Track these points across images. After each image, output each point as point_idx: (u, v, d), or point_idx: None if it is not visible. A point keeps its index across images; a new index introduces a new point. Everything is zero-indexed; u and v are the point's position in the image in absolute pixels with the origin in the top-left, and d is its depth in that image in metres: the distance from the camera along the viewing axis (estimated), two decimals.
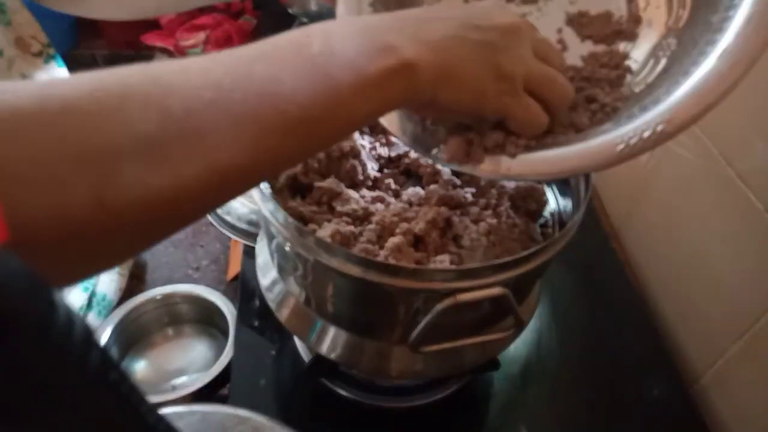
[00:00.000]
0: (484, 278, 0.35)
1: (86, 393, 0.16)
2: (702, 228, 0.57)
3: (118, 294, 0.86)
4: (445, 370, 0.44)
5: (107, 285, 0.85)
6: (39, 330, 0.14)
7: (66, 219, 0.21)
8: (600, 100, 0.37)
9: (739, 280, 0.51)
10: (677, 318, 0.61)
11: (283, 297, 0.46)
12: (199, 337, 0.68)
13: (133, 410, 0.18)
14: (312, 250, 0.36)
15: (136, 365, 0.66)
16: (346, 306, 0.42)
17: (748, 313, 0.49)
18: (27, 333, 0.14)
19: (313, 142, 0.28)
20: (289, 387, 0.54)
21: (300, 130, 0.26)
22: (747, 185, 0.49)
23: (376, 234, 0.40)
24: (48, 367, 0.15)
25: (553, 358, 0.58)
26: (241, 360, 0.55)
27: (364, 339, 0.43)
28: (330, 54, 0.27)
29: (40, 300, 0.14)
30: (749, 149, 0.50)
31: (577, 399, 0.55)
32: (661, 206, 0.64)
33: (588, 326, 0.61)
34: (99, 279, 0.84)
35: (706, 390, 0.56)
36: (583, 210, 0.39)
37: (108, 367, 0.17)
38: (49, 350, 0.14)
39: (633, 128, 0.33)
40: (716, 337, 0.54)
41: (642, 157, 0.56)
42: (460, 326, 0.40)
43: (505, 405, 0.54)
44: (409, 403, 0.52)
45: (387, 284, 0.35)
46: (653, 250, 0.66)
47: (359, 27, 0.29)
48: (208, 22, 1.05)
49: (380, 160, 0.49)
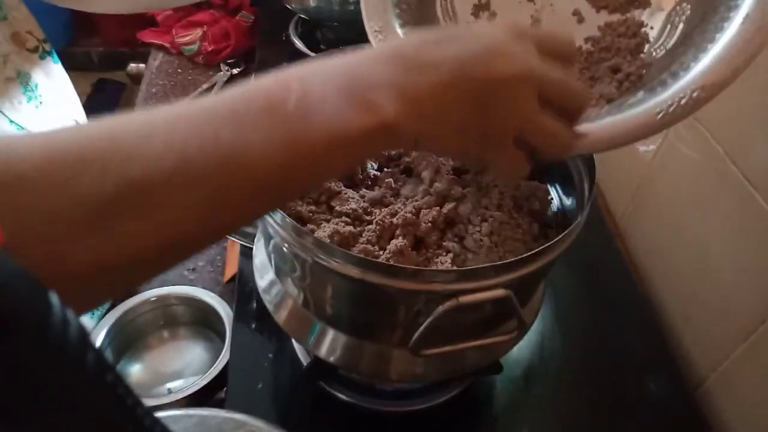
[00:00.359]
0: (486, 280, 0.34)
1: (83, 394, 0.16)
2: (707, 228, 0.56)
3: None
4: (446, 373, 0.44)
5: None
6: (36, 330, 0.14)
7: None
8: (624, 70, 0.37)
9: (744, 280, 0.51)
10: (681, 319, 0.60)
11: (281, 299, 0.45)
12: (196, 340, 0.67)
13: (130, 413, 0.18)
14: (310, 251, 0.35)
15: (131, 368, 0.65)
16: (345, 308, 0.41)
17: (754, 315, 0.49)
18: (25, 333, 0.14)
19: (280, 201, 0.28)
20: (287, 390, 0.53)
21: (266, 192, 0.26)
22: (752, 185, 0.49)
23: (376, 235, 0.40)
24: (45, 367, 0.15)
25: (556, 359, 0.57)
26: (238, 363, 0.55)
27: (363, 341, 0.42)
28: (305, 113, 0.26)
29: (36, 300, 0.15)
30: (754, 148, 0.49)
31: (580, 401, 0.55)
32: (665, 206, 0.64)
33: (591, 327, 0.61)
34: None
35: (711, 392, 0.55)
36: (587, 210, 0.39)
37: (104, 368, 0.17)
38: (47, 351, 0.15)
39: (670, 95, 0.33)
40: (721, 338, 0.53)
41: (646, 156, 0.55)
42: (462, 328, 0.39)
43: (508, 408, 0.54)
44: (409, 407, 0.51)
45: (387, 286, 0.34)
46: (657, 250, 0.65)
47: (342, 79, 0.27)
48: (205, 19, 1.04)
49: (380, 158, 0.48)
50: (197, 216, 0.24)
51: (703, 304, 0.57)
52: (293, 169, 0.26)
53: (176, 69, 1.05)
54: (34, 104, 0.61)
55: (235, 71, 1.02)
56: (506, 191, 0.45)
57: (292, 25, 0.95)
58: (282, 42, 0.94)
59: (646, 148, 0.65)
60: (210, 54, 1.03)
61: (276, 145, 0.25)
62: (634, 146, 0.68)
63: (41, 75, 0.63)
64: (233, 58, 1.04)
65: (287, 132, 0.25)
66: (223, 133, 0.24)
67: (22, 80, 0.60)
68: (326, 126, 0.26)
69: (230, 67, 1.03)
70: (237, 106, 0.25)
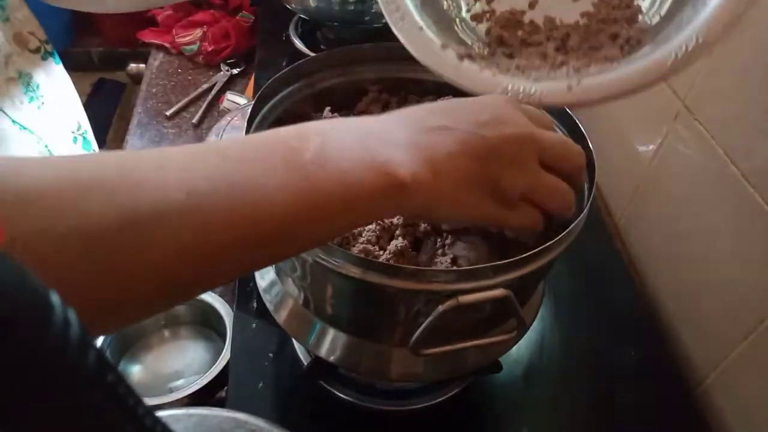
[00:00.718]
0: (486, 279, 0.34)
1: (84, 394, 0.16)
2: (706, 228, 0.56)
3: None
4: (446, 372, 0.44)
5: None
6: (37, 330, 0.14)
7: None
8: (623, 35, 0.38)
9: (743, 280, 0.51)
10: (681, 319, 0.60)
11: (282, 298, 0.45)
12: (196, 339, 0.67)
13: (131, 412, 0.18)
14: (310, 251, 0.35)
15: (132, 368, 0.65)
16: (345, 308, 0.41)
17: (753, 315, 0.49)
18: (26, 333, 0.14)
19: (283, 256, 0.27)
20: (287, 390, 0.53)
21: (274, 241, 0.25)
22: (752, 185, 0.49)
23: (376, 235, 0.40)
24: (46, 367, 0.15)
25: (556, 359, 0.57)
26: (238, 362, 0.55)
27: (363, 341, 0.42)
28: (322, 165, 0.25)
29: (37, 300, 0.15)
30: (754, 149, 0.49)
31: (579, 400, 0.55)
32: (665, 206, 0.64)
33: (591, 326, 0.61)
34: None
35: (710, 391, 0.55)
36: (587, 210, 0.39)
37: (105, 368, 0.17)
38: (47, 351, 0.14)
39: (678, 43, 0.34)
40: (721, 338, 0.53)
41: (646, 156, 0.55)
42: (462, 328, 0.39)
43: (507, 408, 0.54)
44: (409, 406, 0.51)
45: (387, 285, 0.34)
46: (657, 250, 0.65)
47: (360, 133, 0.28)
48: (205, 19, 1.04)
49: None
50: (199, 259, 0.23)
51: (703, 303, 0.57)
52: (304, 220, 0.25)
53: (176, 69, 1.05)
54: (36, 104, 0.61)
55: (235, 71, 1.02)
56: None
57: (292, 25, 0.95)
58: (282, 42, 0.94)
59: (646, 148, 0.65)
60: (210, 54, 1.03)
61: (290, 192, 0.25)
62: (633, 146, 0.68)
63: (43, 75, 0.63)
64: (233, 58, 1.04)
65: (303, 180, 0.25)
66: (238, 175, 0.24)
67: (23, 80, 0.61)
68: (340, 179, 0.26)
69: (230, 67, 1.03)
70: (254, 150, 0.25)
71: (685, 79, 0.56)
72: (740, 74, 0.50)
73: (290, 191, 0.25)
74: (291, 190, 0.25)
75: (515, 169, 0.31)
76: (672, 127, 0.59)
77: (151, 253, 0.22)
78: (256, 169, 0.24)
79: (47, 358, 0.14)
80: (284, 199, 0.24)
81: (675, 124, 0.59)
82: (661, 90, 0.60)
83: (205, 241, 0.23)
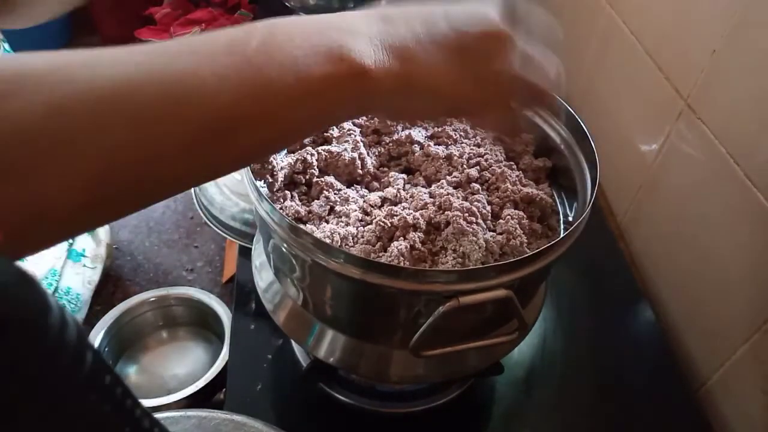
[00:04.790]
0: (487, 280, 0.34)
1: (81, 395, 0.16)
2: (709, 228, 0.56)
3: (89, 287, 0.83)
4: (446, 374, 0.44)
5: (72, 278, 0.82)
6: (35, 331, 0.14)
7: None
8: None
9: (746, 281, 0.51)
10: (684, 320, 0.60)
11: (280, 299, 0.45)
12: (194, 341, 0.67)
13: (128, 414, 0.18)
14: (309, 251, 0.35)
15: (129, 369, 0.64)
16: (344, 309, 0.41)
17: (756, 316, 0.48)
18: (23, 334, 0.14)
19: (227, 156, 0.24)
20: (286, 392, 0.53)
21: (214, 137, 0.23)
22: (755, 185, 0.48)
23: (376, 235, 0.39)
24: (43, 368, 0.15)
25: (558, 361, 0.57)
26: (237, 364, 0.54)
27: (363, 343, 0.42)
28: (268, 53, 0.23)
29: (35, 301, 0.15)
30: (757, 148, 0.49)
31: (581, 402, 0.54)
32: (668, 206, 0.63)
33: (593, 328, 0.60)
34: (63, 273, 0.81)
35: (713, 393, 0.55)
36: (589, 210, 0.38)
37: (102, 369, 0.17)
38: (45, 352, 0.15)
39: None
40: (723, 339, 0.53)
41: (649, 156, 0.55)
42: (463, 329, 0.39)
43: (509, 410, 0.54)
44: (409, 408, 0.51)
45: (387, 286, 0.34)
46: (659, 250, 0.65)
47: (317, 26, 0.26)
48: (204, 17, 1.04)
49: (381, 157, 0.48)
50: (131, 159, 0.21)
51: (706, 304, 0.56)
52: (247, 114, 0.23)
53: None
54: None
55: None
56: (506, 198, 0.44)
57: None
58: None
59: (649, 148, 0.65)
60: None
61: (232, 80, 0.22)
62: (636, 146, 0.67)
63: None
64: None
65: (246, 65, 0.23)
66: (175, 65, 0.22)
67: None
68: (290, 67, 0.23)
69: None
70: (193, 44, 0.23)
71: (687, 78, 0.56)
72: (743, 73, 0.49)
73: (232, 79, 0.22)
74: (233, 77, 0.22)
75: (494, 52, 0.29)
76: (675, 126, 0.59)
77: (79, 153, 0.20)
78: (195, 58, 0.22)
79: (44, 359, 0.15)
80: (224, 86, 0.22)
81: (678, 124, 0.59)
82: (663, 89, 0.60)
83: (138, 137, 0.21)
